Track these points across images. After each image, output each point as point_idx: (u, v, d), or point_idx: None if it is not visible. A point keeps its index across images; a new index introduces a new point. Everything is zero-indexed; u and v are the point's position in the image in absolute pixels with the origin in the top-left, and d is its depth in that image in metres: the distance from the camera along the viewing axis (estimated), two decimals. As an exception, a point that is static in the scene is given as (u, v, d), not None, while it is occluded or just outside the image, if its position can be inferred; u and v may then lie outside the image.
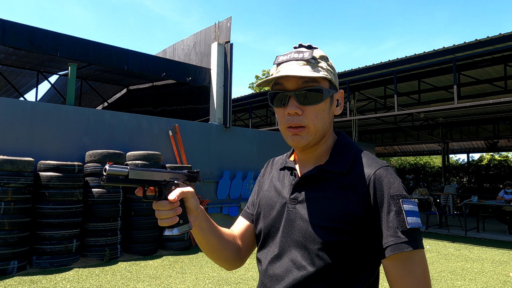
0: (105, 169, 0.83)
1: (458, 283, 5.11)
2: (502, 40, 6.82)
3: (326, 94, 0.94)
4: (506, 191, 9.81)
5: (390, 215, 0.88)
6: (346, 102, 10.05)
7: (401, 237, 0.86)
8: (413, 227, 0.87)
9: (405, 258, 0.86)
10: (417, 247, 0.86)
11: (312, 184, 0.98)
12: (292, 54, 0.95)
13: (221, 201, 8.40)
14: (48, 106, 6.51)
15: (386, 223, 0.88)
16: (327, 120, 0.98)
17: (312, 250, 0.93)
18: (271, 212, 1.04)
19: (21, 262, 5.20)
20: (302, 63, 0.93)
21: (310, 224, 0.94)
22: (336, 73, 1.01)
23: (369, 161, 0.97)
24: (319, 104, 0.94)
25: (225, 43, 8.96)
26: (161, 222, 0.91)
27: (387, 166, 0.96)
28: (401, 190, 0.91)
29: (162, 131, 7.68)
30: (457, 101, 7.62)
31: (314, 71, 0.92)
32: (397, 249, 0.86)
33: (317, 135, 0.97)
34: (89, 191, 6.01)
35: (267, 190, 1.10)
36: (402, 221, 0.87)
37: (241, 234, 1.13)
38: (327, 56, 1.00)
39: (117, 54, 7.85)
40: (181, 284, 4.84)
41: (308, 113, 0.94)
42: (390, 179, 0.92)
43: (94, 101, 13.67)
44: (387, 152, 21.70)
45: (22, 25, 6.69)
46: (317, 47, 1.00)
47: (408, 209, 0.88)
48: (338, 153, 1.00)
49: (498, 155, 22.03)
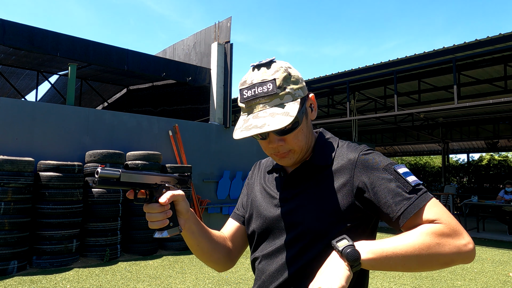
0: (97, 172, 0.84)
1: (458, 283, 5.11)
2: (502, 40, 6.82)
3: (301, 117, 0.95)
4: (506, 191, 9.81)
5: (390, 184, 0.89)
6: (346, 102, 10.05)
7: (411, 196, 0.87)
8: (416, 183, 0.89)
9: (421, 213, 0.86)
10: (429, 198, 0.87)
11: (300, 181, 1.00)
12: (256, 89, 0.92)
13: (221, 201, 8.40)
14: (48, 106, 6.51)
15: (389, 193, 0.89)
16: (308, 132, 1.00)
17: (307, 245, 0.94)
18: (263, 212, 1.05)
19: (21, 262, 5.20)
20: (270, 99, 0.91)
21: (303, 221, 0.95)
22: (302, 81, 0.98)
23: (350, 148, 1.00)
24: (297, 128, 0.95)
25: (225, 43, 8.96)
26: (151, 225, 0.93)
27: (370, 148, 0.98)
28: (388, 160, 0.94)
29: (162, 131, 7.68)
30: (457, 101, 7.62)
31: (284, 103, 0.91)
32: (411, 211, 0.86)
33: (303, 151, 1.00)
34: (89, 191, 6.01)
35: (257, 191, 1.12)
36: (404, 183, 0.89)
37: (232, 236, 1.15)
38: (288, 70, 0.95)
39: (117, 54, 7.85)
40: (181, 284, 4.84)
41: (290, 140, 0.96)
42: (375, 156, 0.95)
43: (94, 101, 13.67)
44: (387, 152, 21.70)
45: (22, 25, 6.69)
46: (274, 61, 0.97)
47: (403, 171, 0.91)
48: (321, 148, 1.03)
49: (498, 155, 22.03)
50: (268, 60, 0.97)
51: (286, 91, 0.93)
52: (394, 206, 0.87)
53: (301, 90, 0.96)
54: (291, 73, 0.95)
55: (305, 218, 0.95)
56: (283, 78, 0.93)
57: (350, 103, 10.36)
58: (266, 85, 0.92)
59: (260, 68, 0.95)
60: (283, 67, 0.95)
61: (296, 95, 0.94)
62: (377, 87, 10.46)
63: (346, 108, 10.34)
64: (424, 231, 0.83)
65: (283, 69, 0.94)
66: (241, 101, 0.95)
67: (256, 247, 1.07)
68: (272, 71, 0.94)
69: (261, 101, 0.92)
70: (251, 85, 0.93)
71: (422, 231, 0.83)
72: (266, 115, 0.90)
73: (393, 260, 0.82)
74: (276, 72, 0.93)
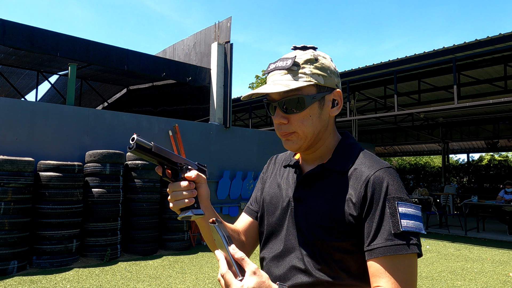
0: (133, 138, 0.86)
1: (458, 283, 5.11)
2: (502, 40, 6.81)
3: (310, 101, 0.93)
4: (506, 191, 9.81)
5: (384, 216, 0.86)
6: (346, 102, 10.05)
7: (393, 239, 0.83)
8: (407, 230, 0.84)
9: (389, 260, 0.83)
10: (408, 251, 0.83)
11: (314, 183, 0.98)
12: (278, 62, 0.96)
13: (221, 201, 8.40)
14: (48, 106, 6.50)
15: (378, 224, 0.86)
16: (319, 124, 0.97)
17: (315, 250, 0.93)
18: (275, 210, 1.04)
19: (21, 262, 5.20)
20: (284, 73, 0.94)
21: (313, 224, 0.94)
22: (330, 73, 0.97)
23: (371, 161, 0.95)
24: (303, 111, 0.94)
25: (225, 43, 8.95)
26: (176, 204, 0.92)
27: (389, 167, 0.94)
28: (398, 193, 0.89)
29: (162, 131, 7.68)
30: (457, 101, 7.62)
31: (294, 80, 0.92)
32: (381, 252, 0.83)
33: (307, 139, 0.97)
34: (89, 191, 6.01)
35: (270, 187, 1.10)
36: (396, 223, 0.84)
37: (245, 230, 1.14)
38: (318, 57, 0.96)
39: (117, 54, 7.85)
40: (181, 284, 4.84)
41: (294, 121, 0.95)
42: (389, 181, 0.90)
43: (94, 101, 13.67)
44: (387, 152, 21.69)
45: (22, 25, 6.69)
46: (312, 47, 0.99)
47: (404, 212, 0.86)
48: (340, 153, 1.00)
49: (498, 155, 22.04)
50: (310, 46, 0.99)
51: (302, 71, 0.93)
52: (371, 238, 0.85)
53: (323, 78, 0.94)
54: (319, 59, 0.95)
55: (311, 223, 0.94)
56: (306, 59, 0.94)
57: (350, 103, 10.36)
58: (286, 61, 0.94)
59: (296, 50, 0.98)
60: (314, 53, 0.96)
61: (312, 77, 0.93)
62: (377, 87, 10.46)
63: (346, 108, 10.34)
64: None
65: (312, 54, 0.96)
66: (264, 73, 0.99)
67: (264, 246, 1.06)
68: (302, 53, 0.96)
69: (277, 74, 0.95)
70: (276, 61, 0.97)
71: None
72: (271, 83, 0.94)
73: None
74: (305, 54, 0.95)
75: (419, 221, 0.87)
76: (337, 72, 1.00)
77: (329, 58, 1.00)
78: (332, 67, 0.98)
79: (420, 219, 0.88)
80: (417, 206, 0.89)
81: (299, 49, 0.98)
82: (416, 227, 0.85)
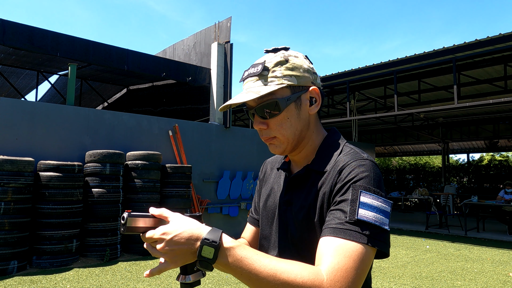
0: (123, 218, 0.79)
1: (458, 283, 5.11)
2: (502, 40, 6.81)
3: (284, 103, 0.91)
4: (506, 191, 9.81)
5: (344, 202, 0.83)
6: (346, 102, 10.05)
7: (344, 224, 0.80)
8: (363, 220, 0.80)
9: (336, 242, 0.79)
10: (356, 240, 0.78)
11: (300, 185, 0.98)
12: (250, 69, 0.95)
13: (221, 201, 8.40)
14: (48, 106, 6.50)
15: (337, 208, 0.84)
16: (298, 124, 0.95)
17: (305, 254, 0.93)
18: (268, 214, 1.05)
19: (21, 262, 5.20)
20: (256, 79, 0.93)
21: (301, 227, 0.94)
22: (304, 71, 0.95)
23: (349, 155, 0.93)
24: (280, 115, 0.93)
25: (225, 43, 8.96)
26: None
27: (365, 159, 0.90)
28: (367, 183, 0.84)
29: (162, 131, 7.68)
30: (457, 101, 7.62)
31: (266, 85, 0.91)
32: (331, 232, 0.80)
33: (290, 142, 0.96)
34: (89, 191, 6.01)
35: (265, 192, 1.11)
36: (353, 211, 0.81)
37: (251, 240, 1.16)
38: (289, 57, 0.94)
39: (117, 54, 7.85)
40: (181, 284, 4.84)
41: (273, 125, 0.94)
42: (361, 170, 0.86)
43: (94, 101, 13.67)
44: (387, 152, 21.69)
45: (22, 25, 6.69)
46: (283, 48, 0.97)
47: (365, 202, 0.82)
48: (324, 152, 0.98)
49: (498, 155, 22.03)
50: (280, 47, 0.98)
51: (273, 74, 0.92)
52: (329, 219, 0.84)
53: (295, 78, 0.93)
54: (290, 60, 0.94)
55: (301, 225, 0.94)
56: (276, 62, 0.93)
57: (350, 103, 10.36)
58: (257, 66, 0.94)
59: (268, 53, 0.98)
60: (284, 54, 0.95)
61: (284, 80, 0.92)
62: (377, 87, 10.46)
63: (346, 108, 10.34)
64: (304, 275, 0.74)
65: (283, 55, 0.94)
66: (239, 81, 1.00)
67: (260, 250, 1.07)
68: (272, 56, 0.95)
69: (249, 81, 0.95)
70: (251, 66, 0.97)
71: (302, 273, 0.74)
72: (245, 91, 0.93)
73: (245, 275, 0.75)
74: (275, 57, 0.95)
75: (382, 215, 0.82)
76: (312, 69, 0.98)
77: (301, 56, 0.98)
78: (305, 65, 0.96)
79: (385, 214, 0.83)
80: (386, 201, 0.84)
81: (270, 52, 0.97)
82: (375, 219, 0.81)
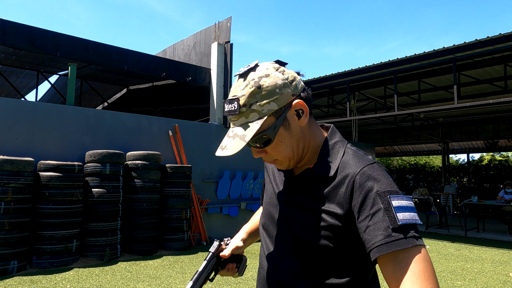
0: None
1: (458, 283, 5.11)
2: (502, 40, 6.81)
3: (273, 132, 0.90)
4: (506, 191, 9.81)
5: (378, 214, 0.82)
6: (346, 102, 10.05)
7: (392, 235, 0.79)
8: (405, 223, 0.80)
9: (396, 257, 0.79)
10: (412, 244, 0.79)
11: (302, 187, 0.99)
12: (226, 105, 0.91)
13: (221, 201, 8.40)
14: (48, 106, 6.50)
15: (374, 222, 0.82)
16: (294, 141, 0.95)
17: (305, 255, 0.94)
18: (270, 211, 1.08)
19: (21, 262, 5.20)
20: (236, 118, 0.91)
21: (301, 228, 0.95)
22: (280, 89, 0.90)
23: (355, 159, 0.93)
24: (273, 142, 0.92)
25: (225, 43, 8.96)
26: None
27: (374, 163, 0.91)
28: (389, 186, 0.85)
29: (162, 131, 7.68)
30: (457, 101, 7.62)
31: (247, 123, 0.90)
32: (384, 249, 0.79)
33: (291, 158, 0.96)
34: (89, 191, 6.01)
35: (268, 189, 1.14)
36: (392, 218, 0.81)
37: None
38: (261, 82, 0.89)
39: (117, 54, 7.85)
40: (181, 284, 4.84)
41: (270, 151, 0.95)
42: (376, 177, 0.87)
43: (94, 101, 13.67)
44: (387, 152, 21.69)
45: (22, 25, 6.69)
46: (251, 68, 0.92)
47: (398, 205, 0.83)
48: (325, 155, 0.97)
49: (498, 155, 22.03)
50: (248, 68, 0.93)
51: (252, 109, 0.89)
52: (371, 237, 0.82)
53: (275, 103, 0.89)
54: (262, 85, 0.89)
55: (301, 227, 0.95)
56: (250, 94, 0.89)
57: (350, 103, 10.36)
58: (233, 103, 0.90)
59: (238, 79, 0.93)
60: (255, 79, 0.89)
61: (264, 111, 0.89)
62: (377, 87, 10.46)
63: (346, 108, 10.34)
64: None
65: (254, 82, 0.89)
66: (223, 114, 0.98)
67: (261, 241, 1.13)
68: (244, 85, 0.90)
69: (231, 119, 0.93)
70: (227, 100, 0.93)
71: None
72: (232, 134, 0.92)
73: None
74: (246, 86, 0.90)
75: (414, 212, 0.84)
76: (286, 80, 0.92)
77: (271, 69, 0.92)
78: (279, 82, 0.90)
79: (414, 210, 0.85)
80: (408, 197, 0.86)
81: (241, 76, 0.93)
82: (412, 218, 0.82)
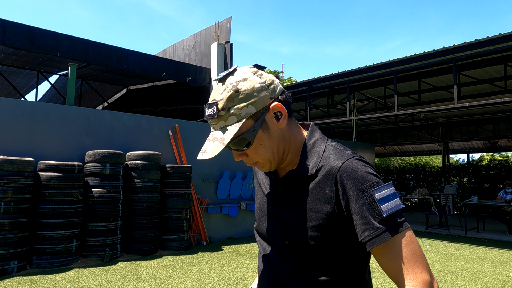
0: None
1: (458, 283, 5.11)
2: (502, 40, 6.81)
3: (252, 135, 0.92)
4: (506, 191, 9.80)
5: (363, 208, 0.86)
6: (346, 102, 10.05)
7: (379, 227, 0.85)
8: (389, 214, 0.86)
9: (387, 246, 0.85)
10: (397, 231, 0.85)
11: (288, 188, 1.00)
12: (206, 110, 0.93)
13: (221, 201, 8.40)
14: (48, 106, 6.50)
15: (361, 218, 0.87)
16: (273, 143, 0.96)
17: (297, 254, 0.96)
18: (261, 213, 1.09)
19: (21, 262, 5.20)
20: (216, 122, 0.92)
21: (290, 229, 0.97)
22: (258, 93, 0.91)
23: (335, 155, 0.95)
24: (252, 145, 0.93)
25: (225, 43, 8.96)
26: None
27: (353, 157, 0.93)
28: (369, 179, 0.88)
29: (162, 131, 7.68)
30: (457, 101, 7.62)
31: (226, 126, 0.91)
32: (376, 242, 0.85)
33: (272, 160, 0.98)
34: (89, 191, 6.01)
35: (257, 194, 1.15)
36: (377, 211, 0.86)
37: None
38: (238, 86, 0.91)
39: (117, 54, 7.85)
40: (181, 284, 4.84)
41: (250, 154, 0.96)
42: (356, 170, 0.90)
43: (94, 101, 13.68)
44: (387, 152, 21.69)
45: (22, 25, 6.69)
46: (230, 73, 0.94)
47: (380, 197, 0.87)
48: (307, 154, 0.99)
49: (498, 155, 22.03)
50: (226, 72, 0.95)
51: (230, 112, 0.90)
52: (361, 232, 0.87)
53: (252, 105, 0.91)
54: (240, 89, 0.90)
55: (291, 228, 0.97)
56: (228, 98, 0.90)
57: (350, 103, 10.36)
58: (212, 107, 0.91)
59: (218, 83, 0.95)
60: (232, 83, 0.91)
61: (242, 114, 0.90)
62: (377, 87, 10.46)
63: (346, 108, 10.34)
64: None
65: (231, 86, 0.91)
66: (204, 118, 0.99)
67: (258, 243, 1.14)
68: (222, 89, 0.92)
69: (211, 123, 0.94)
70: (207, 104, 0.94)
71: None
72: (212, 138, 0.93)
73: None
74: (224, 90, 0.91)
75: (395, 197, 0.88)
76: (264, 84, 0.93)
77: (249, 73, 0.94)
78: (257, 85, 0.92)
79: (395, 195, 0.89)
80: (388, 184, 0.89)
81: (220, 81, 0.94)
82: (395, 206, 0.87)
